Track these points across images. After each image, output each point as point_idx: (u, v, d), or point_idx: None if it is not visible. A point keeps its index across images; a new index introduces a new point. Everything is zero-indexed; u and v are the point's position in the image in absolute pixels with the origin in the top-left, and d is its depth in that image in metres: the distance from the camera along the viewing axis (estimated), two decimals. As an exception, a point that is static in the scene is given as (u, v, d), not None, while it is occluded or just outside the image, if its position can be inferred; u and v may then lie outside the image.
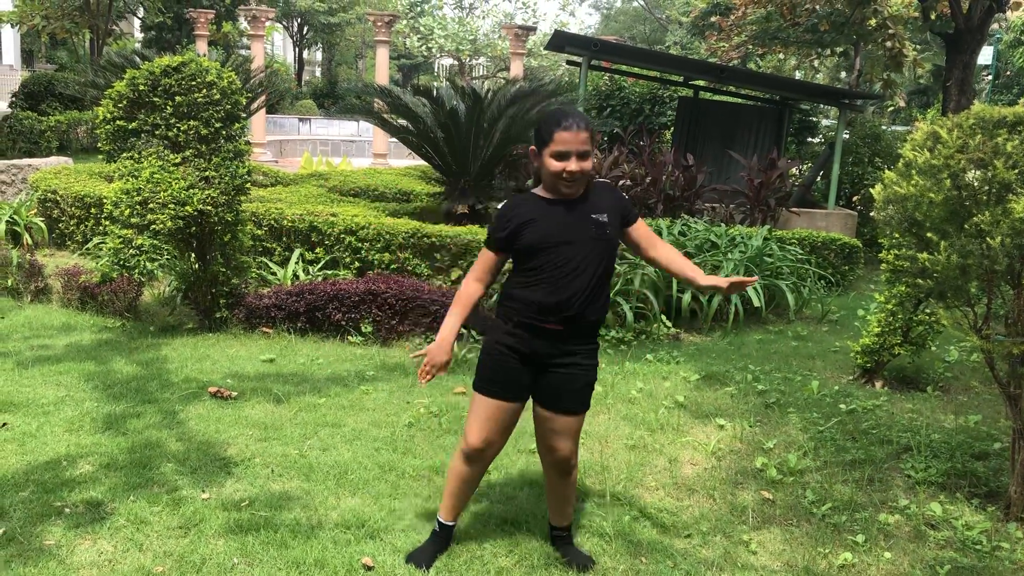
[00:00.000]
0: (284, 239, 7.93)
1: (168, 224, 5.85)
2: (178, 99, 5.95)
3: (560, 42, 12.22)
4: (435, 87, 9.56)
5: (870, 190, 4.17)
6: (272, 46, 41.46)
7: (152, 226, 5.87)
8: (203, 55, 6.49)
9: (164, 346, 6.05)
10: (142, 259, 6.25)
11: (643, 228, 3.29)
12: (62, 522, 3.49)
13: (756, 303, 7.14)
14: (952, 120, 3.77)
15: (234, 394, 5.08)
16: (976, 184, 3.57)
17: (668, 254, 3.31)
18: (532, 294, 3.07)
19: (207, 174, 6.05)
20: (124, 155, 6.04)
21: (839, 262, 9.04)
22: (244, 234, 6.55)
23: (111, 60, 12.63)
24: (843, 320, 7.67)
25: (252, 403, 4.99)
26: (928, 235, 3.67)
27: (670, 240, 7.85)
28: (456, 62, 38.44)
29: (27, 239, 8.86)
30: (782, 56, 18.45)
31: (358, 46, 42.31)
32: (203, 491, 3.82)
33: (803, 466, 4.31)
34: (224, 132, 6.18)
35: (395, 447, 4.43)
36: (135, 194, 5.86)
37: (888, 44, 12.54)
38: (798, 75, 23.20)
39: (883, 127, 14.58)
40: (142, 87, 5.95)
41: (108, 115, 5.98)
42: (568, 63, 15.53)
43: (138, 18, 25.74)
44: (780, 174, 10.16)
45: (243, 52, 23.37)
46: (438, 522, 3.37)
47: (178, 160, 6.01)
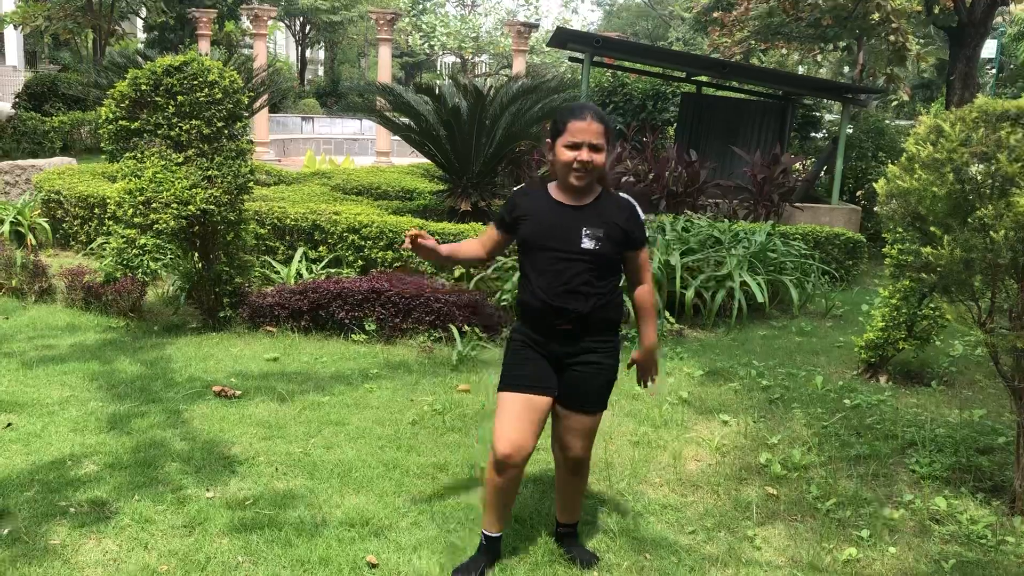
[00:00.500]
0: (287, 238, 7.94)
1: (171, 223, 5.85)
2: (180, 99, 5.96)
3: (562, 39, 12.21)
4: (437, 85, 9.56)
5: (874, 185, 4.16)
6: (275, 45, 41.47)
7: (155, 226, 5.87)
8: (205, 55, 6.50)
9: (168, 345, 6.06)
10: (146, 259, 6.24)
11: (641, 259, 3.21)
12: (67, 521, 3.49)
13: (760, 299, 7.13)
14: (955, 114, 3.76)
15: (238, 393, 5.09)
16: (979, 178, 3.56)
17: (643, 301, 3.26)
18: (530, 298, 3.11)
19: (210, 173, 6.06)
20: (127, 155, 6.05)
21: (843, 257, 9.02)
22: (247, 233, 6.56)
23: (114, 60, 12.66)
24: (847, 315, 7.66)
25: (256, 402, 5.00)
26: (932, 229, 3.66)
27: (673, 237, 7.84)
28: (459, 60, 38.46)
29: (31, 239, 8.87)
30: (785, 51, 18.42)
31: (361, 44, 42.31)
32: (207, 490, 3.83)
33: (807, 461, 4.30)
34: (226, 131, 6.19)
35: (399, 445, 4.43)
36: (138, 194, 5.87)
37: (891, 38, 12.49)
38: (801, 70, 23.16)
39: (887, 121, 14.54)
40: (144, 87, 5.96)
41: (111, 115, 5.98)
42: (571, 60, 15.53)
43: (140, 18, 25.73)
44: (783, 169, 10.14)
45: (246, 51, 23.34)
46: (483, 535, 3.30)
47: (181, 159, 6.02)
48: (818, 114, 16.00)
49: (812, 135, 15.56)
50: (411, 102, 9.24)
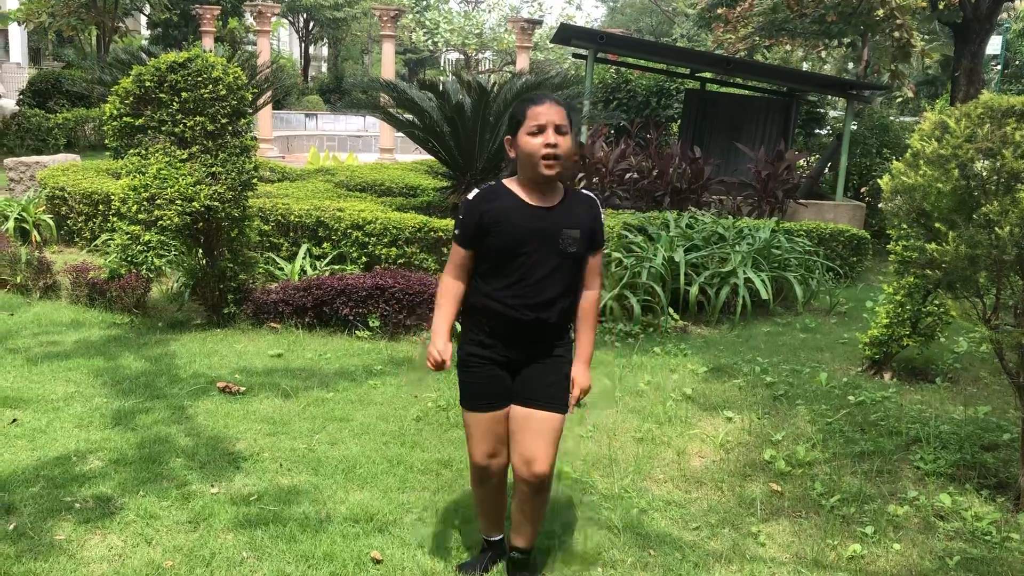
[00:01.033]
0: (291, 234, 7.94)
1: (175, 220, 5.86)
2: (184, 95, 5.96)
3: (566, 35, 12.20)
4: (441, 81, 9.55)
5: (878, 181, 4.16)
6: (278, 41, 41.47)
7: (159, 222, 5.88)
8: (209, 51, 6.50)
9: (172, 342, 6.07)
10: (150, 255, 6.27)
11: (596, 263, 3.05)
12: (72, 517, 3.50)
13: (764, 295, 7.12)
14: (960, 110, 3.75)
15: (242, 389, 5.10)
16: (984, 174, 3.56)
17: (587, 310, 3.06)
18: (498, 306, 2.90)
19: (214, 170, 6.06)
20: (131, 152, 6.05)
21: (847, 253, 9.01)
22: (251, 229, 6.56)
23: (118, 57, 12.65)
24: (851, 312, 7.65)
25: (260, 398, 5.00)
26: (936, 225, 3.65)
27: (677, 233, 7.84)
28: (462, 56, 38.44)
29: (35, 236, 8.88)
30: (789, 47, 18.36)
31: (364, 41, 42.29)
32: (212, 486, 3.83)
33: (812, 458, 4.30)
34: (230, 128, 6.19)
35: (403, 441, 4.43)
36: (142, 190, 5.87)
37: (896, 34, 12.44)
38: (805, 66, 23.10)
39: (891, 118, 14.52)
40: (148, 83, 5.96)
41: (115, 112, 5.99)
42: (574, 56, 15.51)
43: (144, 15, 25.77)
44: (788, 166, 10.13)
45: (249, 48, 23.35)
46: (484, 540, 3.26)
47: (185, 156, 6.02)
48: (822, 110, 15.99)
49: (816, 131, 15.55)
50: (415, 99, 9.23)
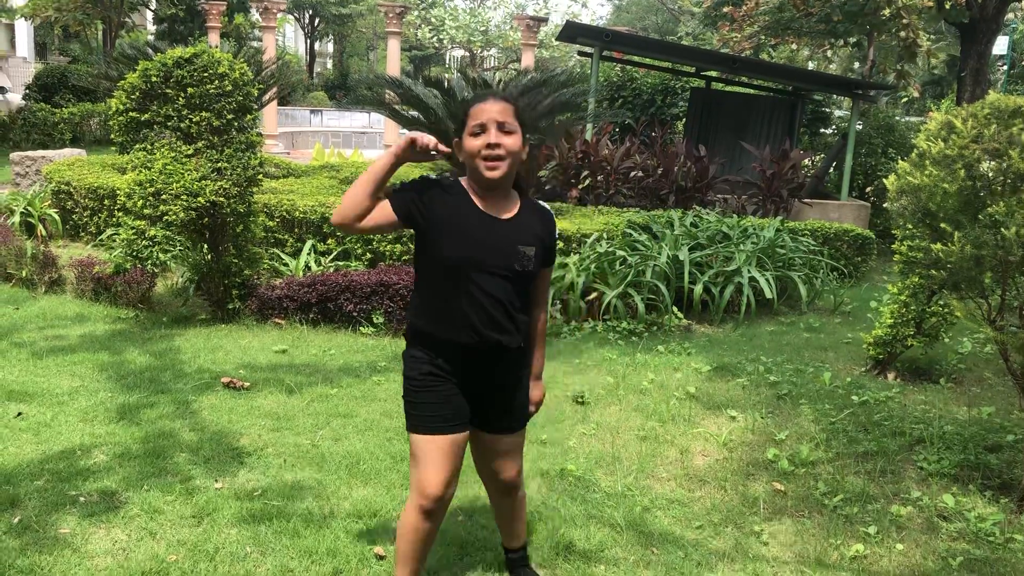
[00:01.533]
0: (296, 230, 7.95)
1: (181, 215, 5.87)
2: (190, 91, 5.97)
3: (572, 33, 12.19)
4: (446, 78, 9.55)
5: (883, 181, 4.15)
6: (284, 38, 41.49)
7: (165, 217, 5.89)
8: (215, 47, 6.48)
9: (177, 337, 6.08)
10: (155, 250, 6.28)
11: (545, 280, 2.89)
12: (77, 511, 3.51)
13: (768, 294, 7.12)
14: (966, 110, 3.74)
15: (247, 384, 5.11)
16: (991, 174, 3.55)
17: (542, 323, 2.92)
18: (451, 332, 2.65)
19: (219, 165, 6.07)
20: (137, 147, 6.07)
21: (852, 253, 9.00)
22: (256, 225, 6.57)
23: (124, 52, 12.66)
24: (856, 311, 7.64)
25: (265, 393, 5.01)
26: (942, 226, 3.65)
27: (682, 232, 7.84)
28: (467, 53, 38.42)
29: (41, 230, 8.91)
30: (795, 46, 18.35)
31: (370, 38, 42.29)
32: (216, 481, 3.84)
33: (815, 457, 4.30)
34: (236, 123, 6.20)
35: (406, 438, 4.43)
36: (148, 185, 5.89)
37: (902, 34, 12.43)
38: (811, 66, 23.07)
39: (897, 118, 14.48)
40: (155, 79, 5.97)
41: (121, 107, 6.00)
42: (580, 54, 15.50)
43: (150, 10, 25.78)
44: (793, 165, 10.12)
45: (255, 44, 23.38)
46: None
47: (191, 151, 6.03)
48: (828, 110, 15.96)
49: (821, 131, 15.52)
50: (420, 95, 9.23)
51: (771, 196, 10.00)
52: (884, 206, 10.47)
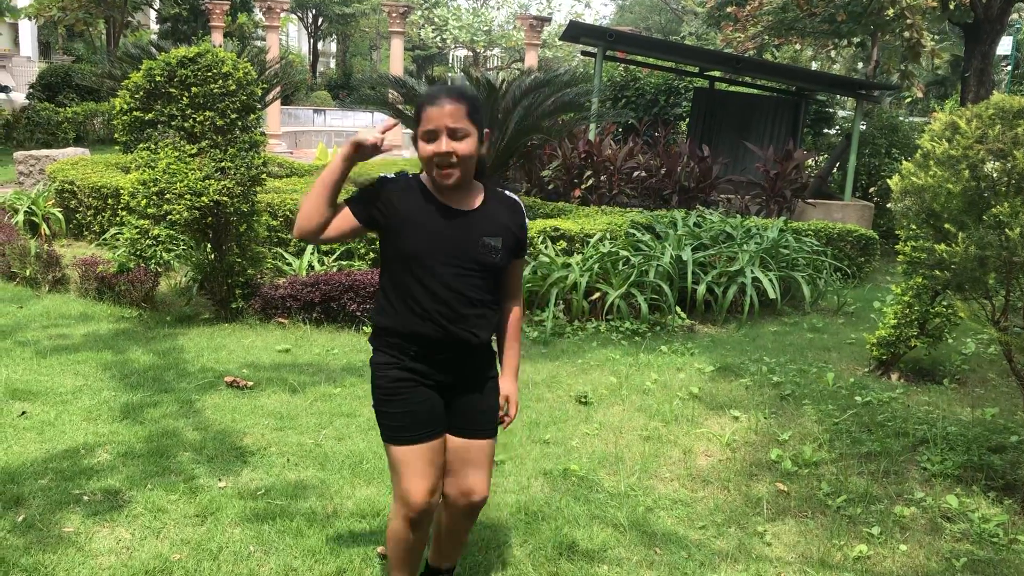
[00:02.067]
0: (299, 230, 7.94)
1: (184, 214, 5.88)
2: (194, 90, 5.97)
3: (575, 32, 12.19)
4: (450, 78, 9.55)
5: (887, 181, 4.15)
6: (287, 37, 41.53)
7: (169, 216, 5.90)
8: (219, 46, 6.48)
9: (180, 336, 6.09)
10: (159, 249, 6.29)
11: (518, 272, 2.80)
12: (80, 510, 3.52)
13: (771, 295, 7.11)
14: (971, 110, 3.74)
15: (250, 384, 5.11)
16: (995, 175, 3.55)
17: (512, 324, 2.82)
18: (416, 326, 2.58)
19: (223, 165, 6.08)
20: (141, 146, 6.07)
21: (855, 254, 8.99)
22: (260, 224, 6.58)
23: (127, 51, 12.69)
24: (859, 312, 7.63)
25: (268, 393, 5.02)
26: (946, 226, 3.64)
27: (685, 232, 7.83)
28: (471, 53, 38.41)
29: (45, 229, 8.92)
30: (798, 47, 18.34)
31: (373, 37, 42.32)
32: (220, 480, 3.85)
33: (818, 458, 4.30)
34: (240, 123, 6.20)
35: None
36: (152, 184, 5.89)
37: (906, 34, 12.42)
38: (815, 66, 23.05)
39: (900, 118, 14.48)
40: (159, 78, 5.98)
41: (125, 106, 6.01)
42: (583, 54, 15.51)
43: (154, 9, 25.82)
44: (796, 165, 10.11)
45: (258, 43, 23.40)
46: None
47: (194, 151, 6.04)
48: (831, 110, 15.94)
49: (825, 131, 15.50)
50: (423, 95, 9.23)
51: (774, 196, 9.99)
52: (888, 206, 10.44)
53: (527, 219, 2.77)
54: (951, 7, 12.26)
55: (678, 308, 6.95)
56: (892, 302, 5.84)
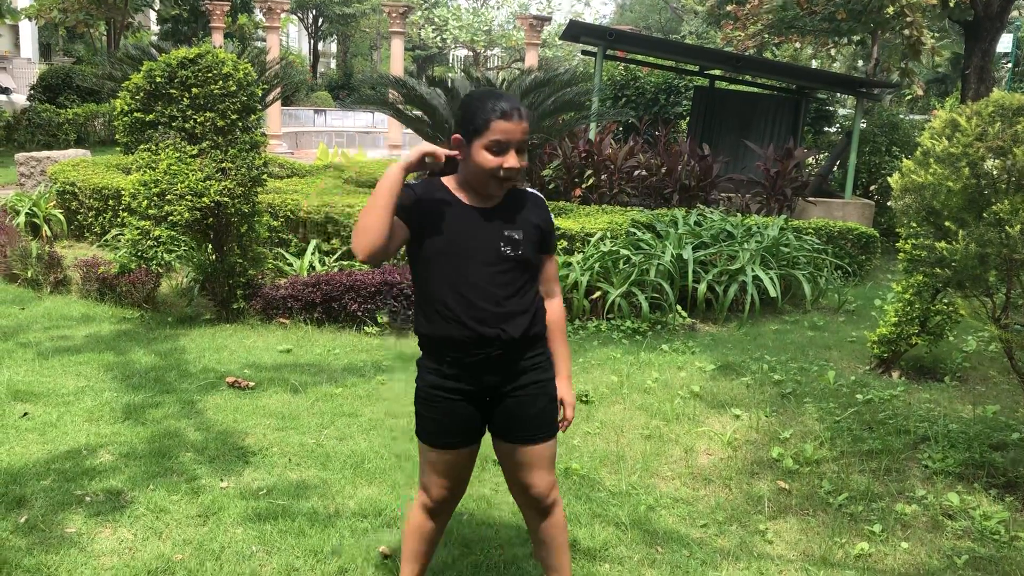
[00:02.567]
0: (300, 230, 7.96)
1: (185, 215, 5.88)
2: (195, 91, 5.98)
3: (575, 32, 12.19)
4: (450, 78, 9.56)
5: (888, 179, 4.15)
6: (287, 38, 41.53)
7: (170, 217, 5.91)
8: (219, 47, 6.47)
9: (182, 337, 6.10)
10: (160, 250, 6.28)
11: (551, 270, 2.76)
12: (83, 510, 3.53)
13: (772, 293, 7.11)
14: (971, 108, 3.74)
15: (252, 384, 5.12)
16: (995, 172, 3.55)
17: (555, 321, 2.77)
18: (446, 329, 2.56)
19: (224, 165, 6.08)
20: (141, 147, 6.08)
21: (856, 252, 8.99)
22: (261, 225, 6.58)
23: (128, 52, 12.68)
24: (860, 310, 7.63)
25: (269, 393, 5.02)
26: (946, 224, 3.65)
27: (685, 231, 7.83)
28: (471, 53, 38.42)
29: (46, 231, 8.93)
30: (798, 45, 18.32)
31: (373, 37, 42.32)
32: (222, 480, 3.85)
33: (819, 456, 4.30)
34: (240, 123, 6.21)
35: (411, 437, 4.41)
36: (153, 185, 5.90)
37: (906, 32, 12.40)
38: (815, 64, 23.04)
39: (901, 116, 14.47)
40: (159, 79, 5.98)
41: (125, 107, 6.02)
42: (583, 53, 15.51)
43: (154, 10, 25.85)
44: (796, 164, 10.11)
45: (259, 44, 23.43)
46: None
47: (195, 152, 6.05)
48: (831, 108, 15.94)
49: (825, 129, 15.50)
50: (424, 95, 9.23)
51: (775, 195, 9.99)
52: (888, 204, 10.44)
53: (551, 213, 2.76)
54: (951, 5, 12.24)
55: (679, 307, 6.95)
56: (893, 300, 5.84)
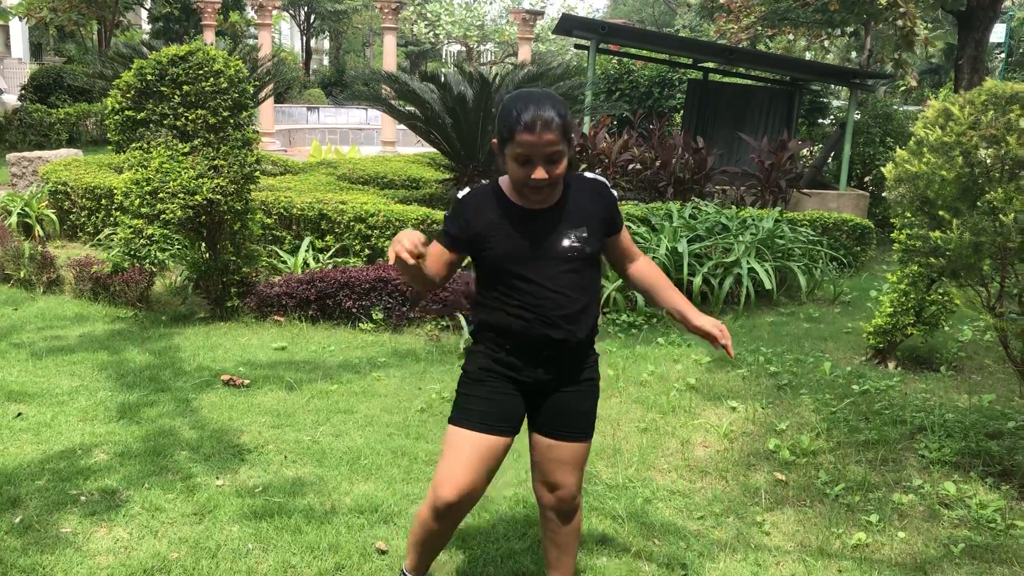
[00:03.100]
0: (294, 227, 7.94)
1: (178, 213, 5.86)
2: (186, 88, 5.96)
3: (568, 26, 12.17)
4: (442, 73, 9.53)
5: (882, 170, 4.15)
6: (279, 35, 41.42)
7: (162, 216, 5.88)
8: (210, 45, 6.45)
9: (176, 335, 6.08)
10: (153, 249, 6.26)
11: (626, 238, 2.78)
12: (78, 510, 3.51)
13: (768, 285, 7.11)
14: (964, 97, 3.74)
15: (247, 382, 5.11)
16: (988, 161, 3.54)
17: (653, 274, 2.80)
18: (509, 321, 2.57)
19: (216, 163, 6.06)
20: (133, 145, 6.05)
21: (851, 243, 9.00)
22: (254, 223, 6.57)
23: (119, 51, 12.65)
24: (855, 301, 7.64)
25: (265, 391, 5.01)
26: (940, 213, 3.64)
27: (680, 224, 7.83)
28: (464, 48, 38.39)
29: (39, 231, 8.90)
30: (792, 37, 18.32)
31: (365, 34, 42.24)
32: (217, 478, 3.84)
33: (816, 447, 4.30)
34: (232, 121, 6.19)
35: (407, 432, 4.44)
36: (145, 184, 5.87)
37: (899, 23, 12.40)
38: (808, 56, 23.04)
39: (895, 106, 14.47)
40: (150, 77, 5.96)
41: (117, 106, 5.99)
42: (576, 47, 15.49)
43: (145, 9, 25.77)
44: (791, 155, 10.10)
45: (250, 41, 23.37)
46: (403, 572, 2.89)
47: (187, 149, 6.02)
48: (825, 100, 15.94)
49: (819, 121, 15.50)
50: (416, 91, 9.22)
51: (769, 187, 9.98)
52: (883, 195, 10.45)
53: (614, 192, 2.73)
54: (944, -5, 12.25)
55: (674, 300, 6.94)
56: (888, 290, 5.84)
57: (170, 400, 4.79)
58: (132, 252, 6.35)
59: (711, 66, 13.73)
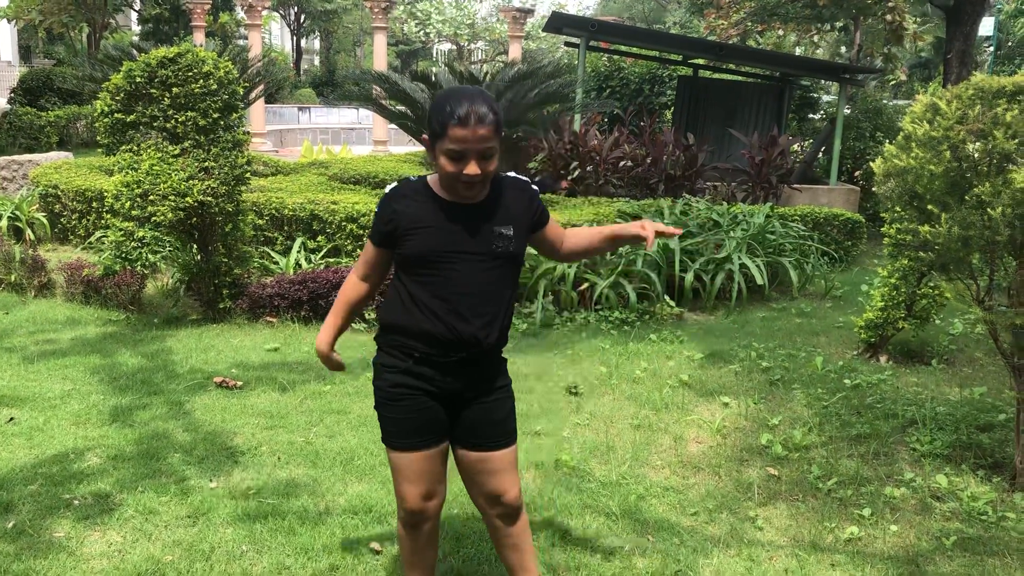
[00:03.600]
0: (286, 228, 7.93)
1: (169, 216, 5.85)
2: (175, 90, 5.94)
3: (558, 23, 12.17)
4: (433, 72, 9.54)
5: (871, 164, 4.16)
6: (270, 36, 41.31)
7: (153, 218, 5.87)
8: (200, 46, 6.43)
9: (169, 338, 6.07)
10: (144, 251, 6.26)
11: (554, 225, 2.80)
12: (71, 514, 3.51)
13: (759, 281, 7.13)
14: (951, 91, 3.75)
15: (239, 384, 5.10)
16: (976, 155, 3.56)
17: (577, 235, 2.85)
18: (425, 324, 2.51)
19: (206, 165, 6.05)
20: (123, 148, 6.04)
21: (842, 238, 9.02)
22: (245, 224, 6.55)
23: (108, 53, 12.62)
24: (847, 296, 7.66)
25: (258, 392, 5.01)
26: (929, 207, 3.66)
27: (672, 220, 7.84)
28: (454, 47, 38.35)
29: (29, 234, 8.87)
30: (781, 32, 18.35)
31: (356, 33, 42.17)
32: (211, 480, 3.84)
33: (808, 442, 4.31)
34: (222, 122, 6.17)
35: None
36: (135, 186, 5.86)
37: (888, 17, 12.44)
38: (798, 51, 23.07)
39: (884, 101, 14.50)
40: (139, 79, 5.94)
41: (106, 108, 5.98)
42: (567, 44, 15.48)
43: (135, 11, 25.66)
44: (781, 151, 10.12)
45: (241, 42, 23.30)
46: None
47: (177, 151, 6.01)
48: (815, 95, 15.96)
49: (810, 116, 15.52)
50: (407, 90, 9.22)
51: (760, 182, 10.00)
52: (873, 190, 10.47)
53: (536, 190, 2.75)
54: (932, -11, 12.28)
55: (666, 296, 6.96)
56: (879, 285, 5.86)
57: (163, 403, 4.78)
58: (123, 255, 6.35)
59: (701, 62, 13.74)
